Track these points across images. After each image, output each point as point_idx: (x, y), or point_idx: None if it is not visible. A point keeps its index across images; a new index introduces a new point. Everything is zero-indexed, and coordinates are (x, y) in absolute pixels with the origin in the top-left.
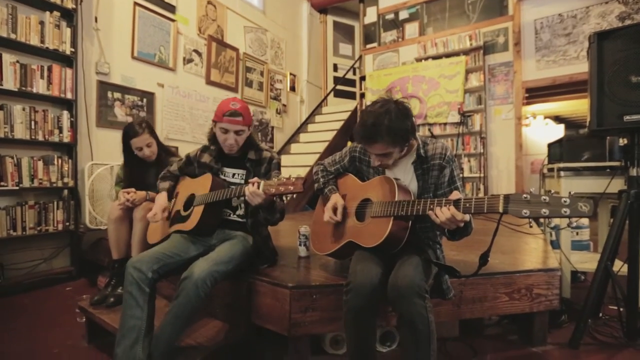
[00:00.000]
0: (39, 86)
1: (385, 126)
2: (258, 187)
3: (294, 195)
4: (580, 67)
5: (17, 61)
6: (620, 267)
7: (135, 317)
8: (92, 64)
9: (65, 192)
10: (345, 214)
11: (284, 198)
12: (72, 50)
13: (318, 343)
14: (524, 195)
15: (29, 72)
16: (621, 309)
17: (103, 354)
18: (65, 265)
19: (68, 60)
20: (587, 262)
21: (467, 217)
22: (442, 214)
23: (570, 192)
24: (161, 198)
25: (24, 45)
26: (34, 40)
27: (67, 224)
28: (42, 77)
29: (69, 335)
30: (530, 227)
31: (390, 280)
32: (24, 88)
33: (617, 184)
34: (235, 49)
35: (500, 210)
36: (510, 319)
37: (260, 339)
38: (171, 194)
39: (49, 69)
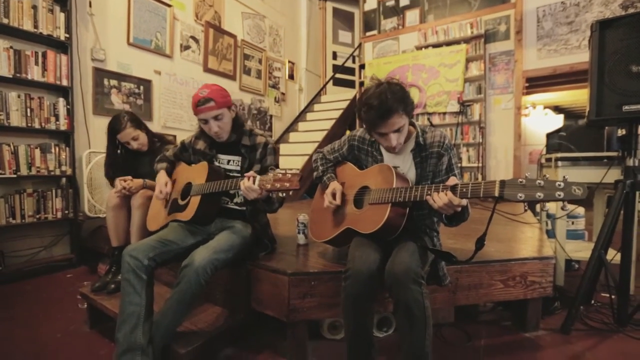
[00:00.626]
0: (34, 72)
1: (391, 98)
2: (254, 182)
3: (290, 193)
4: (581, 56)
5: (11, 47)
6: (613, 255)
7: (133, 304)
8: (87, 50)
9: (64, 180)
10: (343, 202)
11: (281, 194)
12: (67, 35)
13: (316, 328)
14: (520, 180)
15: (23, 58)
16: (613, 296)
17: (105, 339)
18: (65, 253)
19: (63, 46)
20: (582, 251)
21: (463, 202)
22: (440, 199)
23: (564, 177)
24: (161, 176)
25: (17, 31)
26: (27, 25)
27: (66, 212)
28: (36, 63)
29: (71, 321)
30: (525, 210)
31: (387, 266)
32: (18, 74)
33: (614, 175)
34: (233, 36)
35: (496, 194)
36: (505, 306)
37: (260, 324)
38: (169, 175)
39: (44, 55)
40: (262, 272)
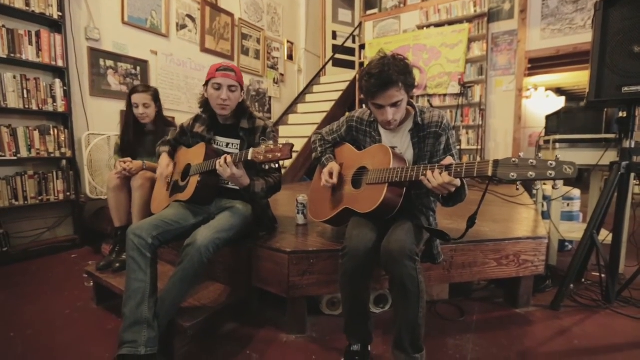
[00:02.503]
0: (28, 53)
1: (393, 70)
2: (245, 157)
3: (283, 163)
4: (585, 36)
5: (3, 26)
6: (606, 236)
7: (139, 280)
8: (81, 30)
9: (64, 162)
10: (342, 182)
11: (278, 165)
12: (60, 14)
13: (316, 305)
14: (513, 160)
15: (17, 38)
16: (603, 275)
17: (112, 315)
18: (68, 234)
19: (56, 25)
20: (575, 231)
21: (457, 182)
22: (434, 179)
23: (557, 156)
24: (163, 158)
25: (9, 9)
26: (19, 3)
27: (68, 193)
28: (30, 43)
29: (78, 298)
30: (517, 189)
31: (383, 244)
32: (12, 55)
33: (612, 157)
34: (230, 14)
35: (489, 173)
36: (497, 284)
37: (261, 300)
38: (172, 157)
39: (37, 35)
40: (262, 251)
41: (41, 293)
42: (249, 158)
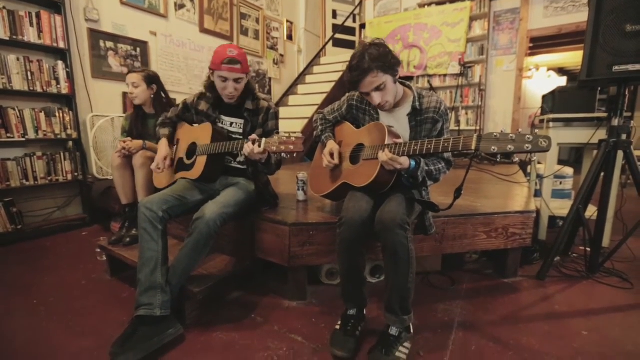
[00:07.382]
0: (30, 34)
1: (367, 57)
2: (259, 146)
3: (295, 154)
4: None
5: (4, 7)
6: (593, 212)
7: (151, 250)
8: (80, 10)
9: (70, 143)
10: (341, 159)
11: (284, 155)
12: None
13: (315, 276)
14: (495, 134)
15: (18, 19)
16: (588, 249)
17: (125, 285)
18: (78, 213)
19: (56, 6)
20: (566, 208)
21: (402, 160)
22: (382, 154)
23: (535, 131)
24: (162, 147)
25: None
26: None
27: (76, 174)
28: (31, 24)
29: (92, 271)
30: (497, 162)
31: (377, 214)
32: (15, 37)
33: (604, 135)
34: None
35: (473, 147)
36: (488, 257)
37: (265, 272)
38: (171, 140)
39: (38, 16)
40: (265, 224)
41: (57, 267)
42: (261, 148)
